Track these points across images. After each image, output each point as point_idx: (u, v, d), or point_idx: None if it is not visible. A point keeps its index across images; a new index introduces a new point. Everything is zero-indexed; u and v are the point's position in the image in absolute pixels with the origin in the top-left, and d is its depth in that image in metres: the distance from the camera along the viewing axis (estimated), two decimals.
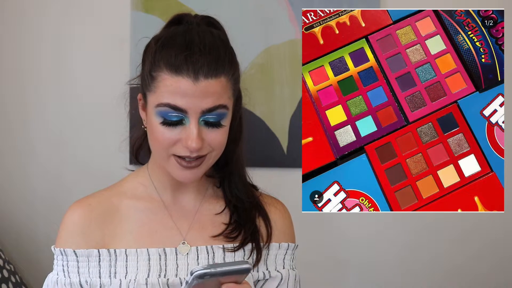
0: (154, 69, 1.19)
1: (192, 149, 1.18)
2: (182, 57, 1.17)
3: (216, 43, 1.21)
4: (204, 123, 1.19)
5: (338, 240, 2.24)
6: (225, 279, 1.07)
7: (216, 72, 1.17)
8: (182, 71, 1.16)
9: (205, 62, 1.17)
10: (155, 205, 1.30)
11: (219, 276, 1.06)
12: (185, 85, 1.16)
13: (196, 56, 1.17)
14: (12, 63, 2.21)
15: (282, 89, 2.18)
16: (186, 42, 1.19)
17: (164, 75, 1.18)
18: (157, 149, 1.22)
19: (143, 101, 1.25)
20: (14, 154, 2.22)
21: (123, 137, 2.14)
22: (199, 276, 1.04)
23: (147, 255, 1.25)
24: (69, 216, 1.28)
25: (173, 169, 1.22)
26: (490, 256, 2.23)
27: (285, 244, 1.32)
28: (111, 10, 2.19)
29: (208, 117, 1.18)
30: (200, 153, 1.19)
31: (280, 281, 1.29)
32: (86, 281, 1.24)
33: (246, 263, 1.07)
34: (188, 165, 1.21)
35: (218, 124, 1.19)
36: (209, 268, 1.04)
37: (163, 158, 1.22)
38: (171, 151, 1.20)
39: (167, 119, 1.18)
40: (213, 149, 1.21)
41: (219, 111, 1.18)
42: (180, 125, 1.18)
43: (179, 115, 1.17)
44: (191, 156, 1.19)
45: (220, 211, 1.31)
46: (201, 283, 1.05)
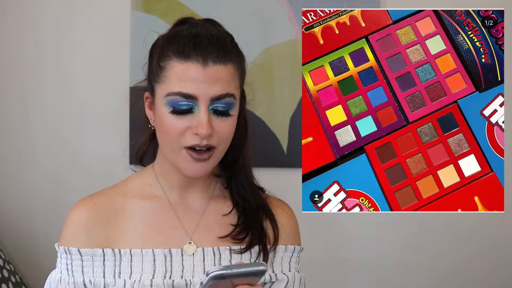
0: (163, 59, 1.21)
1: (203, 135, 1.18)
2: (191, 45, 1.20)
3: (222, 36, 1.24)
4: (213, 112, 1.20)
5: (338, 240, 2.24)
6: (239, 280, 1.06)
7: (225, 59, 1.20)
8: (191, 57, 1.19)
9: (214, 49, 1.19)
10: (161, 205, 1.30)
11: (234, 278, 1.05)
12: (194, 70, 1.18)
13: (205, 44, 1.20)
14: (12, 63, 2.21)
15: (282, 89, 2.18)
16: (193, 34, 1.22)
17: (173, 62, 1.20)
18: (168, 141, 1.22)
19: (151, 98, 1.25)
20: (14, 154, 2.22)
21: (123, 137, 2.15)
22: (215, 277, 1.03)
23: (152, 255, 1.25)
24: (74, 215, 1.28)
25: (184, 162, 1.22)
26: (490, 256, 2.23)
27: (291, 246, 1.32)
28: (111, 10, 2.19)
29: (217, 105, 1.19)
30: (210, 142, 1.20)
31: (287, 284, 1.29)
32: (90, 281, 1.24)
33: (262, 265, 1.06)
34: (199, 157, 1.21)
35: (227, 113, 1.21)
36: (225, 270, 1.03)
37: (174, 151, 1.22)
38: (182, 143, 1.20)
39: (176, 107, 1.19)
40: (221, 141, 1.21)
41: (227, 99, 1.20)
42: (189, 113, 1.19)
43: (189, 103, 1.18)
44: (201, 144, 1.19)
45: (227, 211, 1.31)
46: (214, 284, 1.05)
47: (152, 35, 1.30)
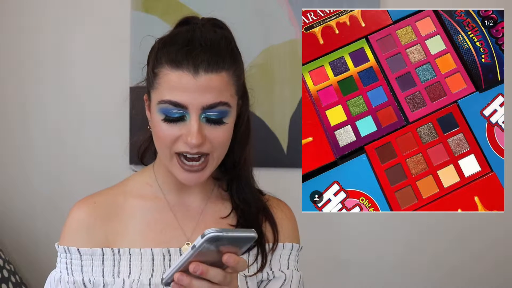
0: (156, 66, 1.20)
1: (192, 145, 1.17)
2: (183, 52, 1.17)
3: (217, 40, 1.21)
4: (206, 120, 1.18)
5: (338, 240, 2.24)
6: (226, 248, 1.03)
7: (217, 67, 1.17)
8: (182, 66, 1.17)
9: (205, 57, 1.17)
10: (160, 205, 1.29)
11: (223, 245, 1.02)
12: (185, 79, 1.16)
13: (197, 51, 1.17)
14: (12, 63, 2.21)
15: (282, 89, 2.18)
16: (187, 39, 1.20)
17: (165, 70, 1.18)
18: (160, 147, 1.22)
19: (148, 101, 1.25)
20: (14, 154, 2.22)
21: (123, 137, 2.15)
22: (210, 239, 1.00)
23: (151, 255, 1.25)
24: (74, 214, 1.28)
25: (176, 172, 1.22)
26: (490, 256, 2.23)
27: (289, 244, 1.31)
28: (111, 10, 2.19)
29: (209, 113, 1.18)
30: (200, 150, 1.19)
31: (284, 281, 1.29)
32: (89, 280, 1.24)
33: (253, 231, 1.03)
34: (190, 169, 1.20)
35: (220, 121, 1.19)
36: (221, 232, 1.00)
37: (167, 157, 1.22)
38: (173, 149, 1.20)
39: (168, 115, 1.18)
40: (214, 148, 1.20)
41: (220, 108, 1.18)
42: (181, 121, 1.18)
43: (180, 111, 1.17)
44: (191, 152, 1.19)
45: (226, 213, 1.30)
46: (203, 252, 1.02)
47: (148, 40, 1.28)
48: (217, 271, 1.03)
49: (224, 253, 1.02)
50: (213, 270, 1.03)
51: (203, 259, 1.03)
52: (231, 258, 1.02)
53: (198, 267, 1.01)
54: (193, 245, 1.01)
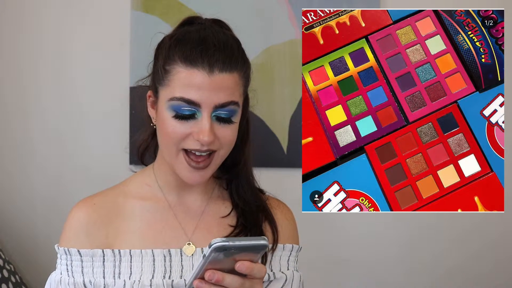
0: (168, 62, 1.20)
1: (204, 142, 1.18)
2: (198, 51, 1.18)
3: (229, 41, 1.22)
4: (216, 119, 1.19)
5: (338, 240, 2.24)
6: (241, 256, 1.05)
7: (231, 67, 1.19)
8: (197, 64, 1.17)
9: (220, 57, 1.18)
10: (160, 205, 1.29)
11: (236, 253, 1.03)
12: (199, 77, 1.17)
13: (211, 51, 1.18)
14: (12, 63, 2.21)
15: (282, 89, 2.18)
16: (200, 38, 1.20)
17: (178, 68, 1.19)
18: (167, 144, 1.22)
19: (154, 97, 1.25)
20: (14, 154, 2.22)
21: (123, 137, 2.15)
22: (217, 249, 1.01)
23: (152, 255, 1.25)
24: (74, 215, 1.28)
25: (181, 169, 1.22)
26: (490, 256, 2.23)
27: (289, 245, 1.32)
28: (111, 10, 2.19)
29: (220, 112, 1.19)
30: (211, 147, 1.19)
31: (285, 282, 1.29)
32: (90, 281, 1.24)
33: (263, 239, 1.04)
34: (196, 166, 1.21)
35: (229, 120, 1.20)
36: (228, 241, 1.01)
37: (172, 154, 1.22)
38: (181, 145, 1.20)
39: (179, 112, 1.19)
40: (222, 146, 1.21)
41: (231, 107, 1.19)
42: (192, 119, 1.19)
43: (192, 109, 1.18)
44: (201, 149, 1.19)
45: (226, 213, 1.31)
46: (217, 260, 1.03)
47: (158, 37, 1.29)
48: (233, 278, 1.06)
49: (238, 260, 1.05)
50: (229, 277, 1.05)
51: (220, 267, 1.05)
52: (243, 265, 1.04)
53: (213, 275, 1.04)
54: (203, 254, 1.04)
